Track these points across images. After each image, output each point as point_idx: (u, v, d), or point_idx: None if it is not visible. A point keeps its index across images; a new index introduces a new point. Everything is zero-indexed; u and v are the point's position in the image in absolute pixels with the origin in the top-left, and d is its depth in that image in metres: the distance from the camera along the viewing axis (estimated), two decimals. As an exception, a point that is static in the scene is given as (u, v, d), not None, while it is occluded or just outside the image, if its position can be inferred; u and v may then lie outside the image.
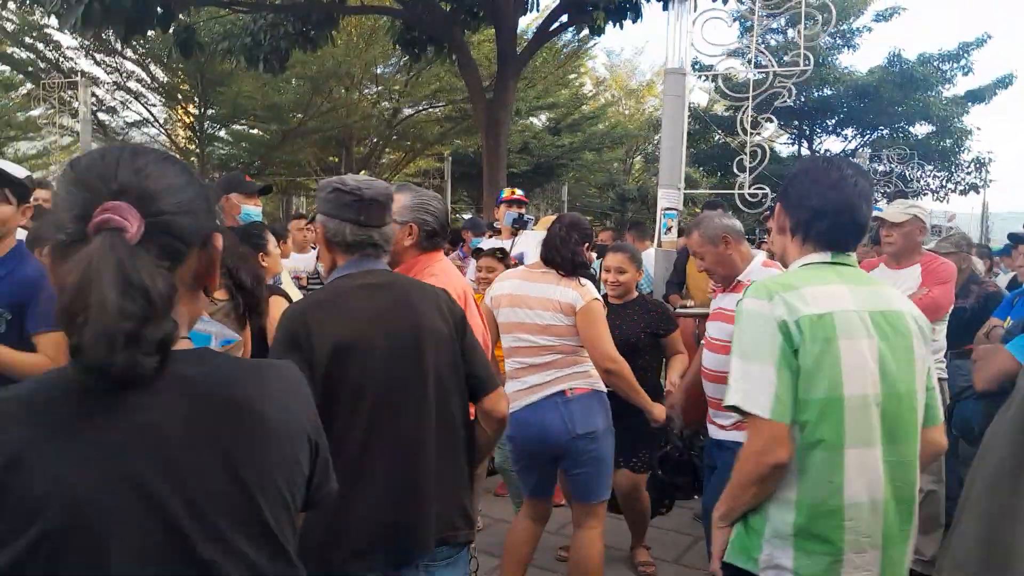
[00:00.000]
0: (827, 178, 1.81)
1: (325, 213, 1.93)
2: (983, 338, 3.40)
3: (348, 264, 1.95)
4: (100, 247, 0.85)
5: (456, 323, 1.94)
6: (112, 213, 0.87)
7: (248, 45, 9.96)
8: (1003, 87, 17.60)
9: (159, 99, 19.09)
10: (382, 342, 1.81)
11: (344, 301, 1.86)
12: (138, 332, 0.84)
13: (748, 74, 6.71)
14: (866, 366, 1.66)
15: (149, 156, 0.96)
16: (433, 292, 1.97)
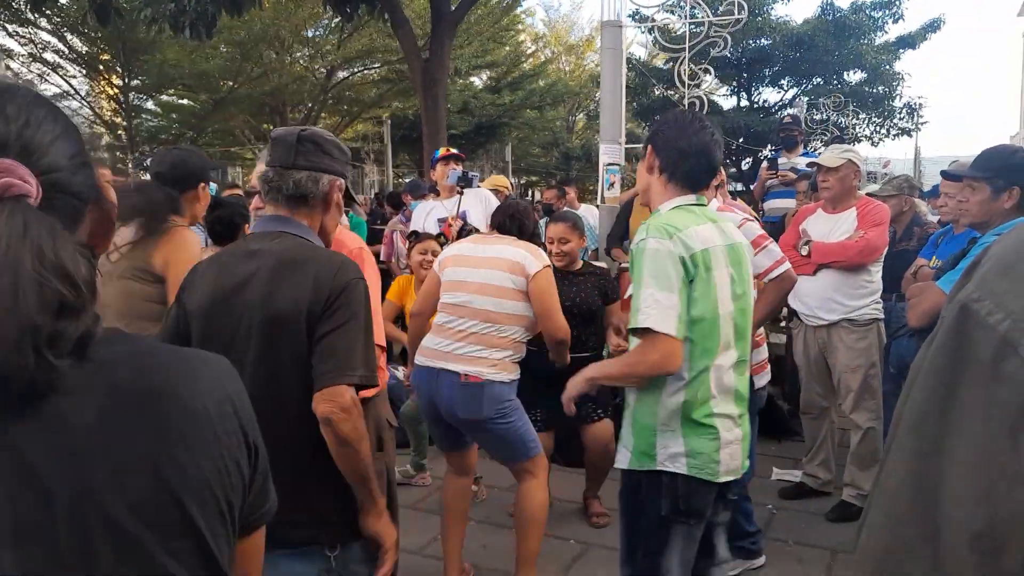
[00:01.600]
0: (691, 126, 2.14)
1: None
2: (911, 278, 3.49)
3: (259, 221, 1.90)
4: (9, 221, 0.68)
5: (327, 300, 1.70)
6: (10, 176, 0.69)
7: (172, 11, 9.51)
8: (932, 31, 17.97)
9: (79, 70, 18.23)
10: (223, 313, 1.74)
11: (220, 266, 1.81)
12: (58, 330, 0.69)
13: (684, 25, 6.67)
14: (727, 289, 2.11)
15: (19, 97, 0.76)
16: (313, 263, 1.74)
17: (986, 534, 0.55)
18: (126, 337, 0.83)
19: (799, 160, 6.24)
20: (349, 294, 1.72)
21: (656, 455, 2.10)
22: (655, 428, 2.10)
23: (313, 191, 1.85)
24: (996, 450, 0.55)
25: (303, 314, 1.70)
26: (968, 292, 0.59)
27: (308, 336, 1.70)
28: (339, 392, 1.66)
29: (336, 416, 1.65)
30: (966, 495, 0.56)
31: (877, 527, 0.65)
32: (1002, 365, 0.55)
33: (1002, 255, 0.60)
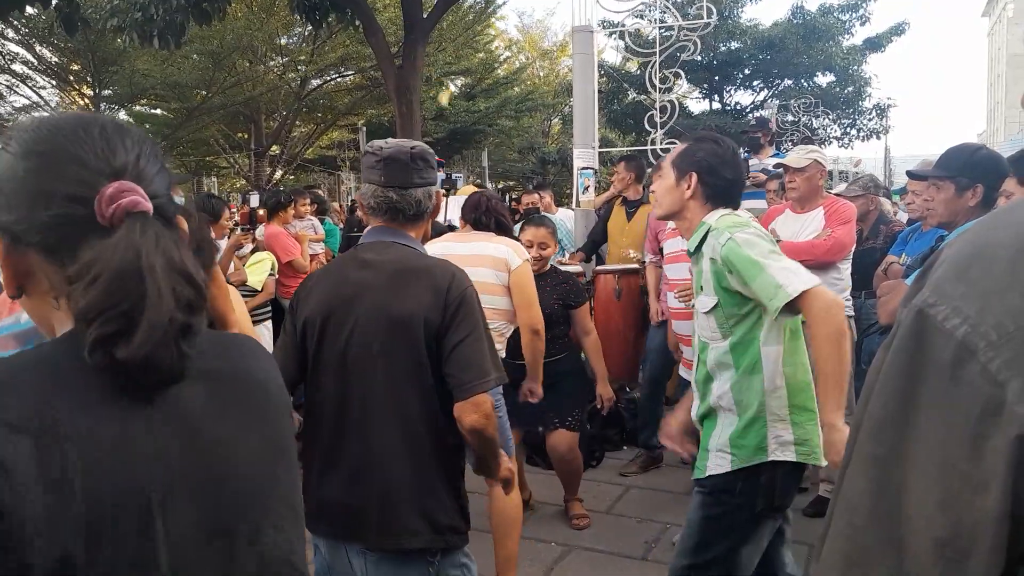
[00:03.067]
0: (735, 159, 2.29)
1: (363, 180, 1.95)
2: (882, 275, 3.55)
3: (368, 232, 1.95)
4: (142, 232, 0.79)
5: (447, 309, 1.76)
6: (136, 195, 0.81)
7: (139, 20, 9.41)
8: (897, 35, 18.29)
9: (49, 81, 18.00)
10: (345, 323, 1.80)
11: (335, 274, 1.90)
12: (189, 324, 0.81)
13: (654, 30, 6.75)
14: None
15: (133, 134, 0.89)
16: (428, 273, 1.81)
17: (950, 542, 0.54)
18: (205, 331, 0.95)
19: (769, 161, 6.32)
20: (468, 303, 1.80)
21: (768, 447, 2.09)
22: (766, 420, 2.10)
23: (428, 207, 1.93)
24: (957, 457, 0.54)
25: (421, 321, 1.76)
26: (924, 297, 0.58)
27: (426, 342, 1.76)
28: (482, 401, 1.75)
29: (482, 424, 1.76)
30: (928, 502, 0.55)
31: (839, 536, 0.63)
32: (960, 370, 0.54)
33: (956, 259, 0.59)
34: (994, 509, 0.52)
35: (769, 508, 2.13)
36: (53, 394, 0.77)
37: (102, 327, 0.77)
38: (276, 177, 21.20)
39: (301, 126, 22.50)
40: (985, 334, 0.53)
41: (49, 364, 0.80)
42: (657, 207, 2.40)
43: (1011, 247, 0.55)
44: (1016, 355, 0.51)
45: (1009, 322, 0.52)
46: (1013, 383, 0.51)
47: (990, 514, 0.52)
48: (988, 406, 0.52)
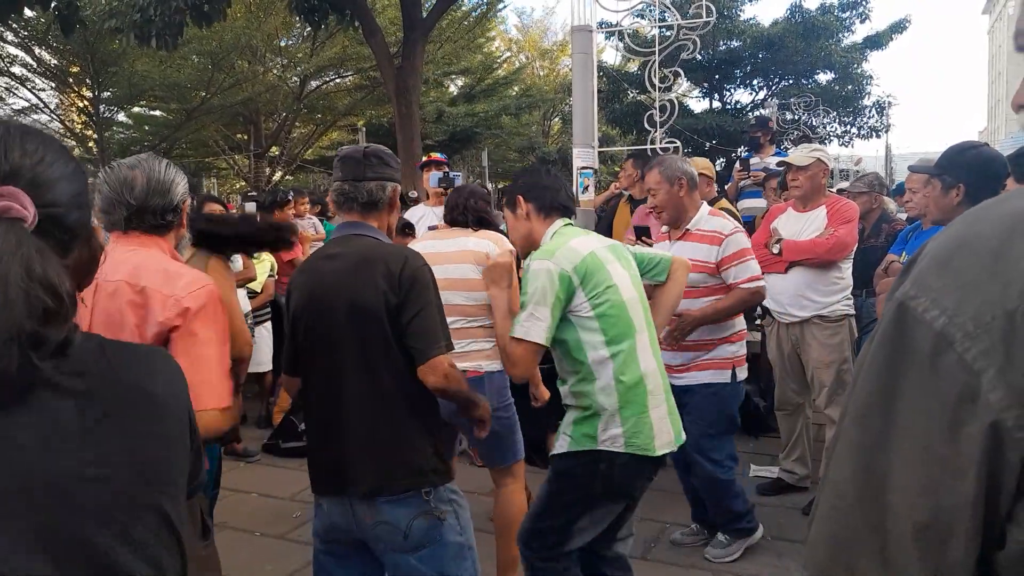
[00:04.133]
0: (546, 172, 2.62)
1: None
2: (882, 273, 3.54)
3: (337, 227, 2.25)
4: (3, 238, 0.77)
5: (400, 289, 2.04)
6: (11, 200, 0.79)
7: (138, 21, 9.41)
8: (898, 32, 18.25)
9: (48, 83, 17.99)
10: (321, 313, 2.09)
11: (310, 269, 2.19)
12: (42, 336, 0.78)
13: (654, 29, 6.73)
14: (626, 278, 2.41)
15: (39, 138, 0.87)
16: (382, 260, 2.07)
17: (931, 526, 0.56)
18: (99, 339, 0.92)
19: (771, 160, 6.32)
20: (419, 282, 2.07)
21: (598, 437, 2.34)
22: (598, 414, 2.34)
23: (381, 197, 2.19)
24: (936, 443, 0.56)
25: (382, 304, 2.03)
26: (905, 290, 0.60)
27: (389, 319, 2.04)
28: (438, 363, 2.05)
29: (443, 383, 2.07)
30: (910, 488, 0.58)
31: (825, 520, 0.66)
32: (939, 360, 0.56)
33: (936, 253, 0.61)
34: (971, 493, 0.54)
35: (608, 493, 2.36)
36: None
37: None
38: (276, 178, 21.19)
39: (300, 127, 22.49)
40: (962, 325, 0.55)
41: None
42: (517, 247, 2.66)
43: (990, 241, 0.57)
44: (991, 345, 0.54)
45: (985, 313, 0.54)
46: (988, 372, 0.54)
47: (967, 498, 0.54)
48: (964, 394, 0.54)
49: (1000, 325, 0.54)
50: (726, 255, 3.24)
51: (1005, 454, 0.53)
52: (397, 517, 2.06)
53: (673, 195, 3.31)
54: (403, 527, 2.06)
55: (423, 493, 2.08)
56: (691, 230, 3.33)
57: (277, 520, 3.97)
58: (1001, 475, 0.54)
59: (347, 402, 2.07)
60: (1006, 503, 0.54)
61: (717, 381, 3.33)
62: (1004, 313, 0.54)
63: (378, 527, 2.08)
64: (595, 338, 2.33)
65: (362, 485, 2.06)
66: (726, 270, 3.25)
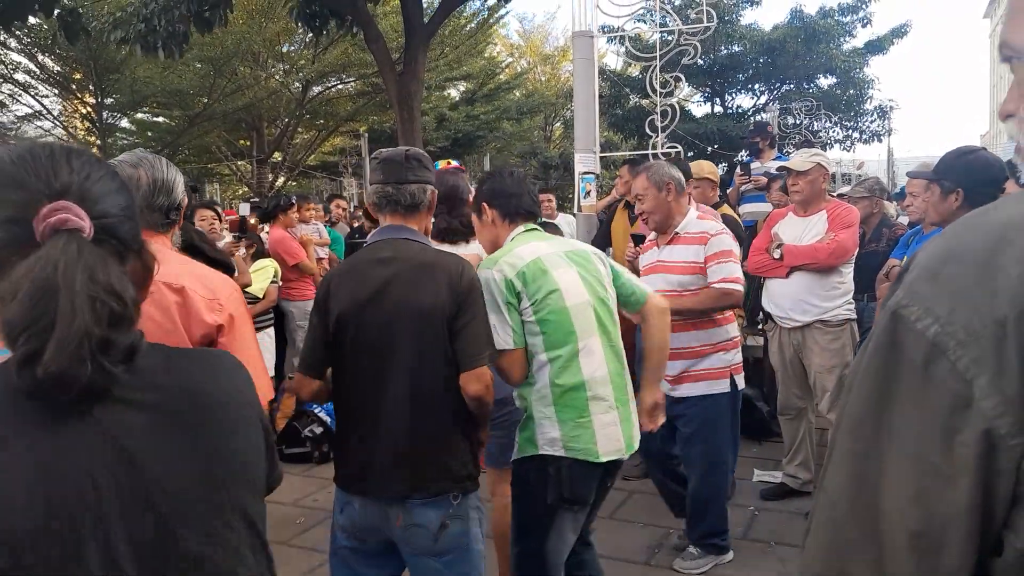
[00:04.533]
0: (509, 177, 2.57)
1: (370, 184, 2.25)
2: (883, 278, 3.54)
3: (377, 231, 2.25)
4: (63, 248, 0.80)
5: (456, 299, 2.08)
6: (67, 213, 0.82)
7: (143, 32, 9.44)
8: (899, 37, 18.27)
9: (51, 90, 18.06)
10: (372, 316, 2.09)
11: (357, 273, 2.17)
12: (110, 339, 0.81)
13: (655, 34, 6.74)
14: (576, 283, 2.35)
15: (84, 157, 0.91)
16: (443, 268, 2.11)
17: (924, 534, 0.56)
18: (163, 347, 0.95)
19: (771, 164, 6.32)
20: (474, 291, 2.13)
21: (537, 442, 2.32)
22: (535, 418, 2.33)
23: (423, 200, 2.22)
24: (929, 451, 0.56)
25: (441, 309, 2.07)
26: (898, 299, 0.61)
27: (446, 326, 2.07)
28: (483, 372, 2.08)
29: (483, 392, 2.09)
30: (903, 496, 0.58)
31: (820, 529, 0.66)
32: (932, 369, 0.56)
33: (927, 262, 0.61)
34: (964, 501, 0.54)
35: (560, 499, 2.31)
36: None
37: (24, 345, 0.78)
38: (278, 184, 21.23)
39: (303, 133, 22.54)
40: (954, 333, 0.56)
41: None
42: (489, 253, 2.58)
43: (980, 250, 0.57)
44: (983, 354, 0.54)
45: (977, 322, 0.55)
46: (980, 380, 0.54)
47: (960, 506, 0.55)
48: (957, 402, 0.55)
49: (991, 333, 0.54)
50: (708, 254, 3.25)
51: (999, 461, 0.53)
52: (428, 519, 2.08)
53: (660, 199, 3.31)
54: (434, 530, 2.09)
55: (452, 497, 2.10)
56: (680, 234, 3.33)
57: (280, 526, 3.97)
58: (995, 482, 0.54)
59: (391, 405, 2.08)
60: (1002, 510, 0.54)
61: (714, 392, 3.31)
62: (994, 321, 0.54)
63: (409, 529, 2.10)
64: (536, 342, 2.31)
65: (399, 486, 2.08)
66: (706, 269, 3.25)
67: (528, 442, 2.35)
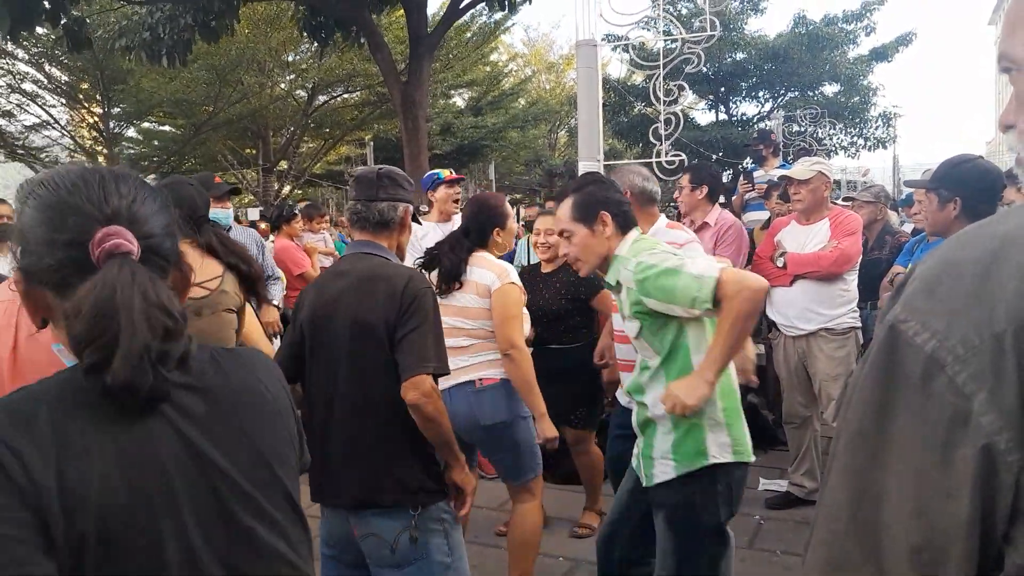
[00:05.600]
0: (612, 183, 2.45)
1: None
2: (888, 286, 3.53)
3: (349, 245, 2.35)
4: (120, 272, 0.90)
5: (400, 308, 2.07)
6: (120, 238, 0.93)
7: (148, 40, 9.50)
8: (904, 45, 18.25)
9: (58, 100, 18.17)
10: (326, 327, 2.15)
11: (319, 287, 2.26)
12: (166, 351, 0.92)
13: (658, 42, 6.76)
14: None
15: (130, 181, 1.01)
16: (387, 280, 2.12)
17: (924, 548, 0.56)
18: (209, 348, 1.07)
19: (776, 172, 6.31)
20: (419, 301, 2.09)
21: (708, 450, 2.18)
22: (703, 425, 2.18)
23: (392, 217, 2.25)
24: (928, 466, 0.56)
25: (383, 321, 2.08)
26: (896, 313, 0.61)
27: (389, 339, 2.07)
28: (421, 381, 2.02)
29: (421, 401, 2.02)
30: (903, 510, 0.58)
31: (821, 544, 0.66)
32: (930, 383, 0.56)
33: (925, 276, 0.61)
34: (964, 516, 0.54)
35: (731, 514, 2.23)
36: (69, 417, 0.89)
37: (89, 357, 0.89)
38: (284, 192, 21.29)
39: (309, 142, 22.62)
40: (952, 348, 0.56)
41: (64, 389, 0.92)
42: (583, 265, 2.39)
43: (978, 264, 0.57)
44: (981, 368, 0.54)
45: (975, 337, 0.55)
46: (979, 395, 0.54)
47: (961, 520, 0.55)
48: (956, 417, 0.55)
49: (989, 348, 0.54)
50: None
51: (998, 476, 0.53)
52: (384, 530, 2.10)
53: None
54: (390, 541, 2.09)
55: (411, 508, 2.11)
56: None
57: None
58: (995, 497, 0.54)
59: (339, 414, 2.13)
60: (1002, 525, 0.54)
61: None
62: (992, 336, 0.54)
63: (367, 539, 2.13)
64: (703, 340, 2.18)
65: (350, 496, 2.13)
66: None
67: (697, 454, 2.18)
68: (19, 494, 0.83)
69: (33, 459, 0.85)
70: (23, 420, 0.87)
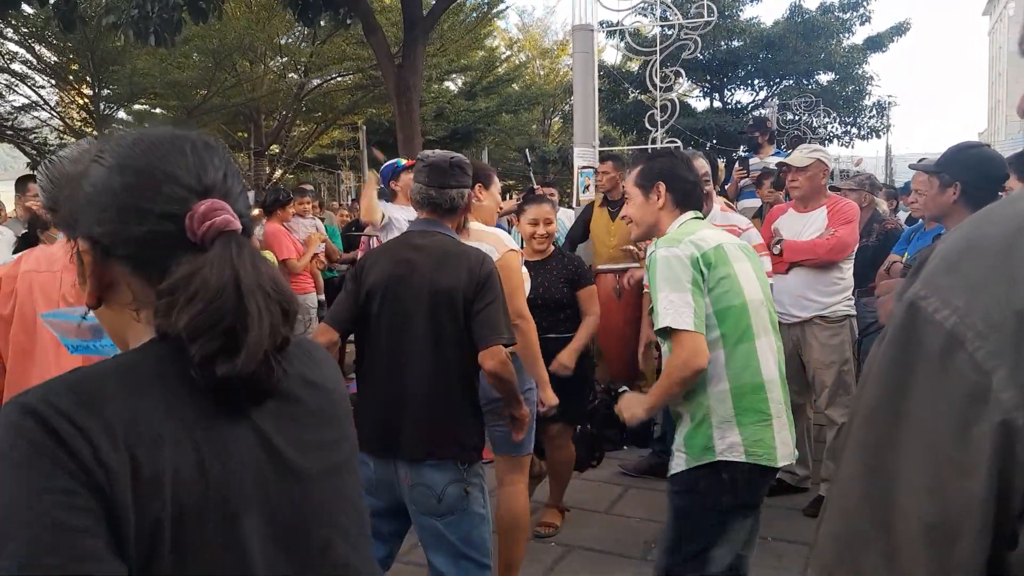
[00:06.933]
0: (687, 163, 2.47)
1: (413, 181, 2.53)
2: (884, 274, 3.54)
3: (416, 222, 2.56)
4: (238, 252, 0.83)
5: (477, 285, 2.30)
6: (228, 214, 0.85)
7: (135, 18, 9.37)
8: (899, 34, 18.28)
9: (48, 81, 17.98)
10: (401, 291, 2.34)
11: (392, 253, 2.45)
12: (286, 336, 0.85)
13: (655, 29, 6.73)
14: (752, 279, 2.25)
15: (220, 152, 0.92)
16: (465, 257, 2.36)
17: (938, 525, 0.56)
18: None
19: (771, 160, 6.31)
20: (492, 279, 2.34)
21: (715, 447, 2.18)
22: (711, 422, 2.19)
23: (460, 203, 2.49)
24: (945, 443, 0.56)
25: (459, 293, 2.30)
26: (915, 290, 0.60)
27: (463, 309, 2.30)
28: (498, 351, 2.30)
29: (499, 368, 2.31)
30: (918, 487, 0.57)
31: (833, 520, 0.65)
32: (949, 360, 0.56)
33: (947, 253, 0.61)
34: (980, 493, 0.54)
35: (736, 506, 2.21)
36: (143, 404, 0.79)
37: (207, 344, 0.80)
38: (276, 176, 21.19)
39: (301, 125, 22.48)
40: (973, 325, 0.55)
41: (137, 375, 0.82)
42: (635, 229, 2.47)
43: (1000, 241, 0.57)
44: (1002, 345, 0.54)
45: (996, 313, 0.54)
46: (999, 371, 0.53)
47: (976, 497, 0.54)
48: (975, 393, 0.54)
49: (1010, 324, 0.53)
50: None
51: (1016, 453, 0.53)
52: (435, 481, 2.31)
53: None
54: (438, 491, 2.31)
55: (459, 464, 2.32)
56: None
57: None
58: (1012, 474, 0.53)
59: (413, 375, 2.32)
60: (1017, 502, 0.54)
61: None
62: (1014, 312, 0.53)
63: (415, 489, 2.33)
64: (714, 337, 2.17)
65: (413, 450, 2.31)
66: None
67: (704, 450, 2.19)
68: (85, 477, 0.72)
69: (102, 440, 0.74)
70: (90, 399, 0.76)
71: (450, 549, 2.38)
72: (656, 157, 2.48)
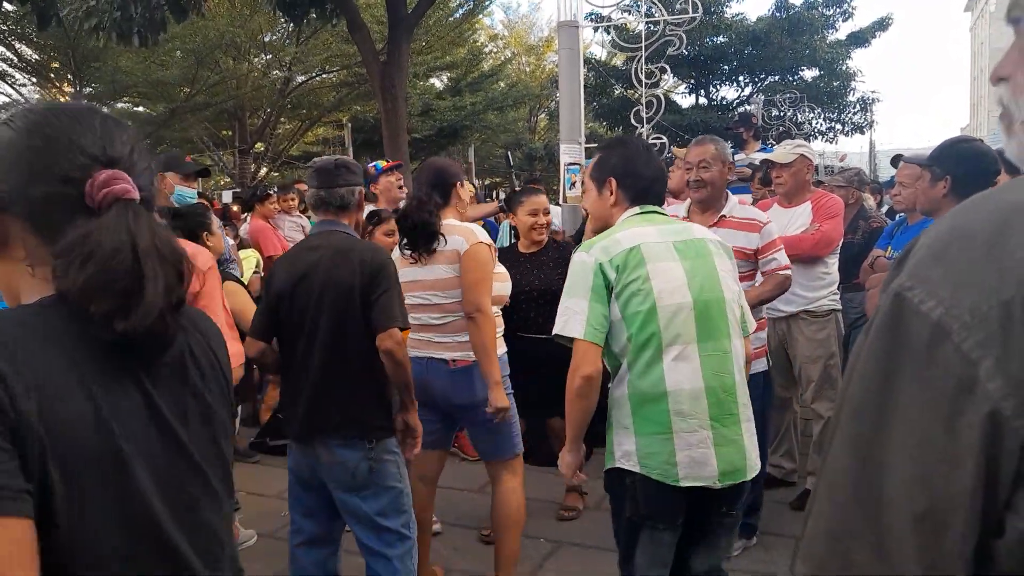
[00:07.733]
0: (645, 154, 2.33)
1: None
2: (868, 269, 3.55)
3: (315, 225, 2.75)
4: (134, 217, 0.88)
5: (370, 276, 2.48)
6: (126, 183, 0.90)
7: (118, 20, 9.27)
8: (881, 29, 18.40)
9: (28, 78, 17.79)
10: (301, 292, 2.53)
11: (292, 258, 2.67)
12: (180, 296, 0.91)
13: (640, 25, 6.73)
14: (678, 280, 2.08)
15: (129, 130, 0.98)
16: (357, 252, 2.54)
17: (928, 516, 0.56)
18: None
19: (756, 156, 6.33)
20: (385, 270, 2.52)
21: (615, 453, 2.12)
22: (613, 426, 2.14)
23: (350, 200, 2.65)
24: (933, 434, 0.56)
25: (356, 286, 2.48)
26: (901, 281, 0.60)
27: (360, 300, 2.48)
28: (393, 332, 2.46)
29: (394, 348, 2.46)
30: (907, 478, 0.57)
31: (822, 513, 0.65)
32: (936, 351, 0.56)
33: (932, 244, 0.61)
34: (968, 483, 0.54)
35: (642, 517, 2.09)
36: (47, 355, 0.84)
37: (102, 303, 0.85)
38: (261, 174, 21.07)
39: (286, 123, 22.36)
40: (959, 315, 0.55)
41: (42, 329, 0.86)
42: (591, 222, 2.43)
43: (985, 231, 0.57)
44: (988, 335, 0.54)
45: (982, 304, 0.54)
46: (985, 362, 0.54)
47: (965, 487, 0.54)
48: (962, 384, 0.54)
49: (996, 315, 0.54)
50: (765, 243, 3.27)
51: (1003, 443, 0.53)
52: (347, 458, 2.50)
53: (722, 175, 3.26)
54: (351, 468, 2.50)
55: (367, 442, 2.51)
56: (727, 217, 3.26)
57: (263, 519, 3.94)
58: (999, 464, 0.54)
59: (318, 364, 2.51)
60: (1004, 491, 0.54)
61: (761, 370, 3.28)
62: (1000, 303, 0.54)
63: (334, 467, 2.53)
64: (621, 342, 2.09)
65: (323, 431, 2.52)
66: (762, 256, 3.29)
67: (609, 454, 2.14)
68: (1, 416, 0.77)
69: (17, 385, 0.79)
70: (3, 345, 0.81)
71: (370, 523, 2.56)
72: (613, 147, 2.35)
